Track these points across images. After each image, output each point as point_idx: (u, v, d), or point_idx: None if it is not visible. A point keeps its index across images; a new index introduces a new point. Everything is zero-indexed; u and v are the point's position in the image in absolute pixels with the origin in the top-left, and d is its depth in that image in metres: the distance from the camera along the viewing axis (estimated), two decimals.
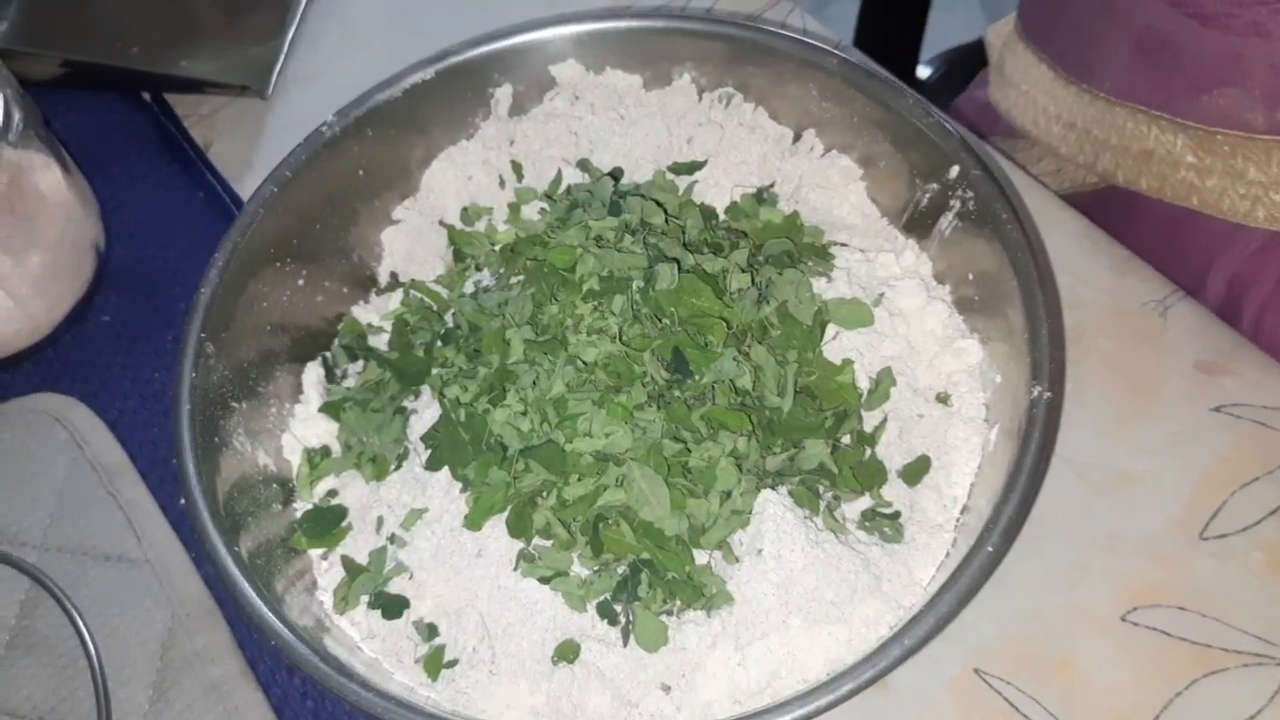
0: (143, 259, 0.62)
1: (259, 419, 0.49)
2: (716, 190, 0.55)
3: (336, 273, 0.54)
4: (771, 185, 0.55)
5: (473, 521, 0.45)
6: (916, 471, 0.46)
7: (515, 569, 0.44)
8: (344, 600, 0.46)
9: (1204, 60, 0.54)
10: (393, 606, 0.45)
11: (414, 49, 0.55)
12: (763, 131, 0.55)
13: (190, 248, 0.61)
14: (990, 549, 0.40)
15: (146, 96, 0.68)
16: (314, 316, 0.53)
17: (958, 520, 0.46)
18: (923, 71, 1.00)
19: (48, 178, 0.56)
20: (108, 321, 0.60)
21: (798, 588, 0.42)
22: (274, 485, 0.49)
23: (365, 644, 0.45)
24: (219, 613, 0.49)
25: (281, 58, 0.67)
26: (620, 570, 0.44)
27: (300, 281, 0.52)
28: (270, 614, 0.41)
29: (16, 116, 0.52)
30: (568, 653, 0.43)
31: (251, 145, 0.65)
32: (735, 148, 0.55)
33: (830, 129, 0.54)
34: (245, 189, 0.63)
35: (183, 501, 0.52)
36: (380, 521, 0.47)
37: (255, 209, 0.50)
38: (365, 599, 0.46)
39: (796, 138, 0.55)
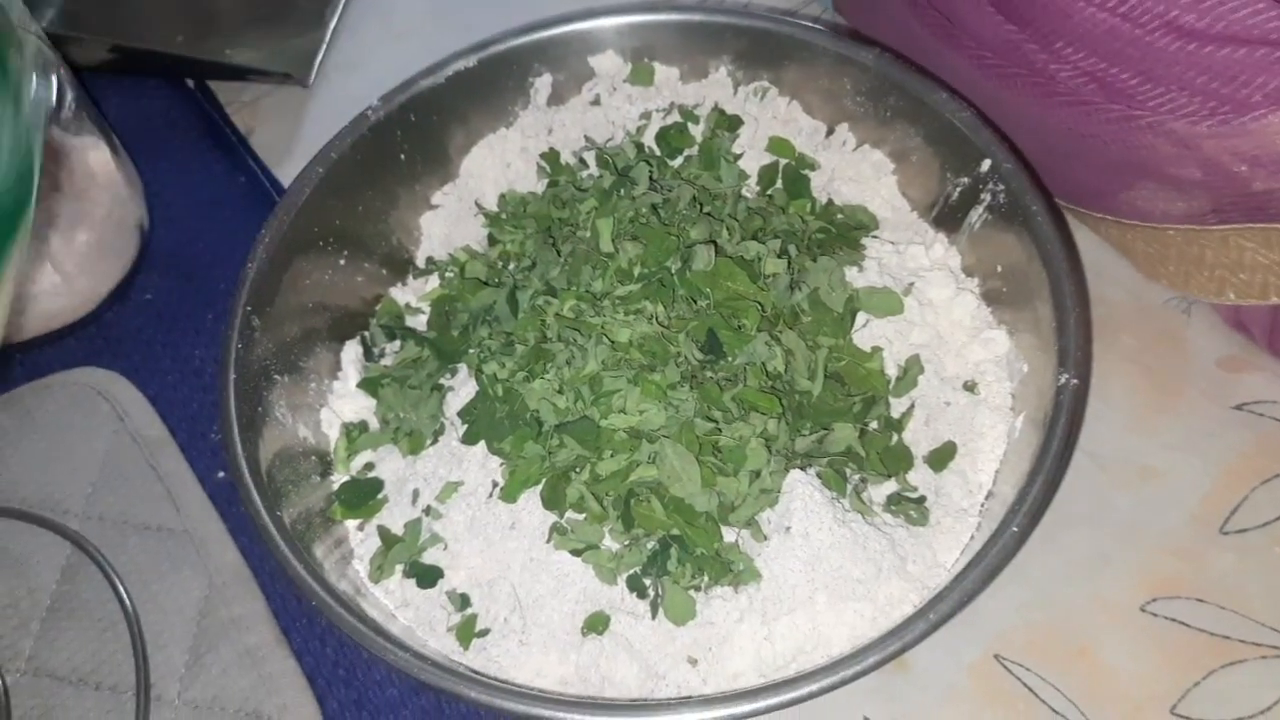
0: (184, 241, 0.63)
1: (299, 393, 0.50)
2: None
3: (376, 255, 0.55)
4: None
5: (508, 494, 0.45)
6: (942, 457, 0.47)
7: (548, 541, 0.45)
8: (379, 569, 0.47)
9: (1114, 159, 0.48)
10: (427, 576, 0.46)
11: (453, 42, 0.56)
12: (796, 125, 0.56)
13: (230, 231, 0.62)
14: (1015, 529, 0.41)
15: (190, 83, 0.69)
16: (353, 297, 0.54)
17: (982, 506, 0.46)
18: None
19: (96, 157, 0.57)
20: (150, 300, 0.61)
21: (824, 565, 0.43)
22: (313, 457, 0.50)
23: (399, 612, 0.46)
24: (254, 582, 0.51)
25: (323, 47, 0.68)
26: (650, 545, 0.44)
27: (341, 262, 0.53)
28: (311, 577, 0.42)
29: (70, 95, 0.54)
30: (597, 624, 0.44)
31: (292, 133, 0.66)
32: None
33: (863, 123, 0.55)
34: (285, 175, 0.64)
35: (221, 474, 0.53)
36: (416, 494, 0.48)
37: (301, 188, 0.51)
38: (400, 568, 0.47)
39: (830, 132, 0.56)
